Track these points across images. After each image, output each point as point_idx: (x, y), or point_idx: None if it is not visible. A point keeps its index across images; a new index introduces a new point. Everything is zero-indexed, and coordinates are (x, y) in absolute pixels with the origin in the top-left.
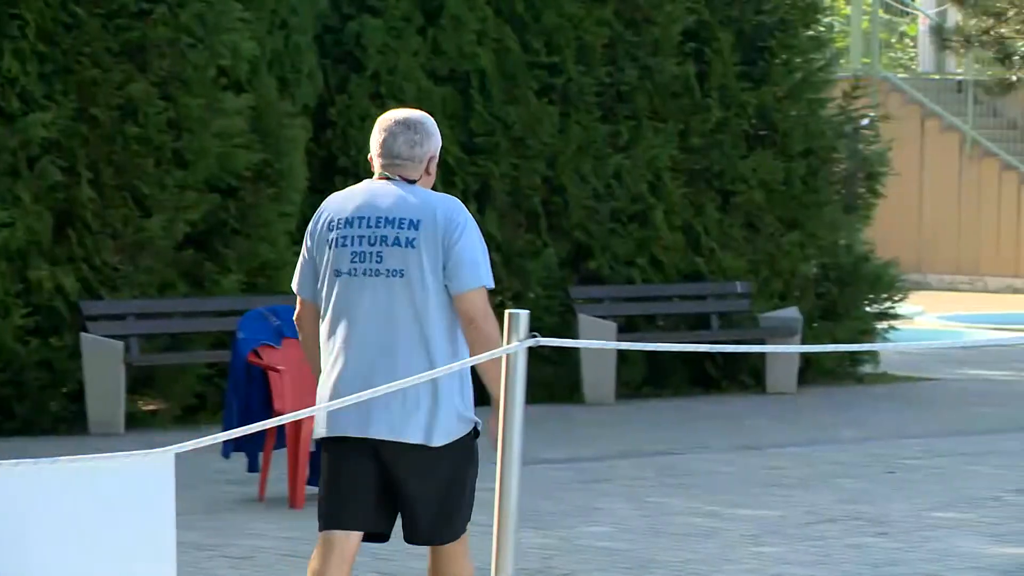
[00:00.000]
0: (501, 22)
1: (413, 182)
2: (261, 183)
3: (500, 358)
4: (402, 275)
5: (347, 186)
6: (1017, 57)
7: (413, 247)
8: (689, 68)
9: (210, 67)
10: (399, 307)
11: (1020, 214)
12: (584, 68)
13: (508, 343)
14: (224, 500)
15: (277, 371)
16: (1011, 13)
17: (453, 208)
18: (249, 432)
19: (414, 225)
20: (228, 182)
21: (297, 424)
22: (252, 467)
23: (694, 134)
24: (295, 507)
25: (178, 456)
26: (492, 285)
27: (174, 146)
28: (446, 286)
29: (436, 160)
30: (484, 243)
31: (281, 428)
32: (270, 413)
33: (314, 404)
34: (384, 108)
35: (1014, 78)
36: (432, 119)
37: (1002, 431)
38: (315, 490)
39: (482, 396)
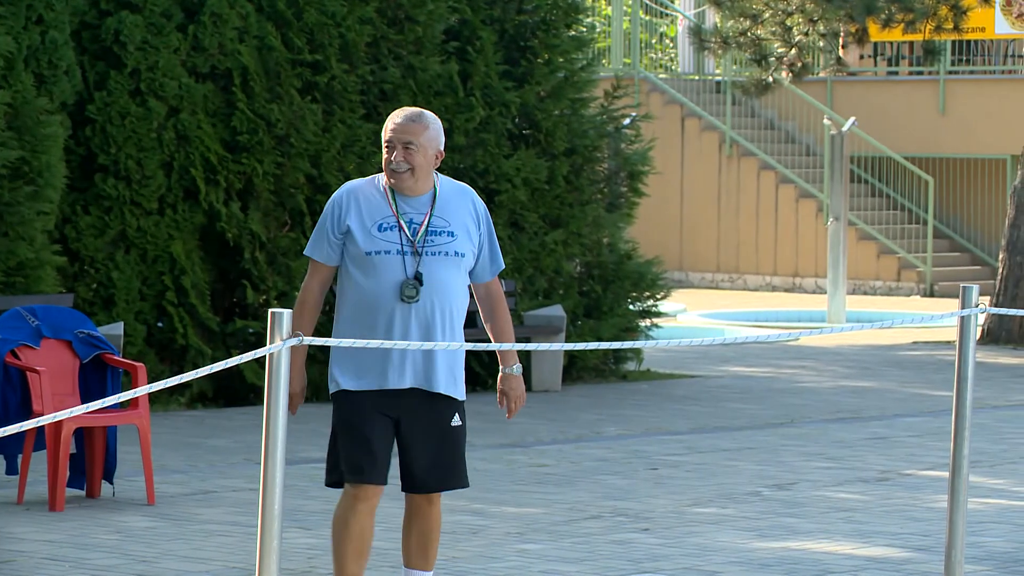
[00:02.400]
0: (263, 19)
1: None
2: (18, 181)
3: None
4: None
5: (107, 184)
6: (773, 58)
7: None
8: (452, 67)
9: None
10: None
11: (778, 213)
12: (347, 66)
13: (271, 342)
14: None
15: (36, 372)
16: (767, 15)
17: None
18: (7, 434)
19: None
20: None
21: (57, 426)
22: (11, 470)
23: (458, 133)
24: (55, 509)
25: None
26: (310, 256)
27: None
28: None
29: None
30: (322, 223)
31: (41, 430)
32: (29, 414)
33: (74, 405)
34: (145, 105)
35: (770, 79)
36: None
37: (761, 427)
38: (76, 492)
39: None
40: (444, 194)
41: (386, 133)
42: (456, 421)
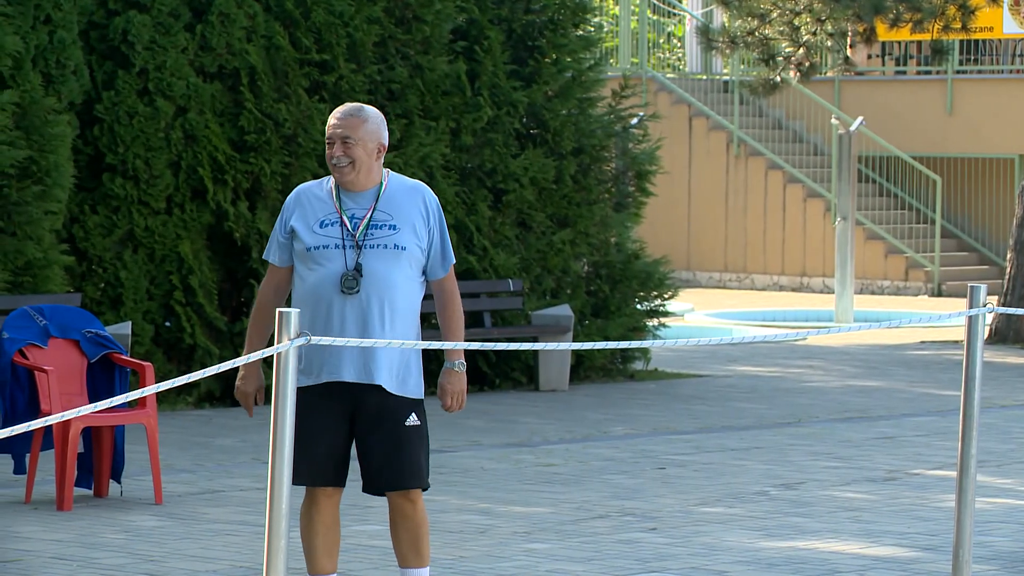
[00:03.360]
0: (270, 19)
1: None
2: (26, 180)
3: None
4: None
5: (115, 183)
6: (781, 58)
7: None
8: (460, 66)
9: None
10: None
11: (785, 213)
12: (355, 66)
13: (279, 342)
14: None
15: (44, 371)
16: (774, 15)
17: None
18: (15, 433)
19: None
20: None
21: (65, 425)
22: (19, 469)
23: (465, 132)
24: (63, 509)
25: None
26: (266, 259)
27: None
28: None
29: None
30: (275, 227)
31: (48, 429)
32: (37, 414)
33: (82, 404)
34: (152, 105)
35: (778, 79)
36: None
37: (769, 427)
38: (84, 491)
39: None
40: (391, 190)
41: (328, 130)
42: (412, 420)
